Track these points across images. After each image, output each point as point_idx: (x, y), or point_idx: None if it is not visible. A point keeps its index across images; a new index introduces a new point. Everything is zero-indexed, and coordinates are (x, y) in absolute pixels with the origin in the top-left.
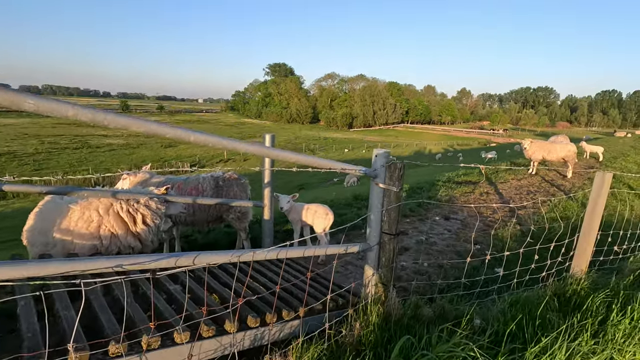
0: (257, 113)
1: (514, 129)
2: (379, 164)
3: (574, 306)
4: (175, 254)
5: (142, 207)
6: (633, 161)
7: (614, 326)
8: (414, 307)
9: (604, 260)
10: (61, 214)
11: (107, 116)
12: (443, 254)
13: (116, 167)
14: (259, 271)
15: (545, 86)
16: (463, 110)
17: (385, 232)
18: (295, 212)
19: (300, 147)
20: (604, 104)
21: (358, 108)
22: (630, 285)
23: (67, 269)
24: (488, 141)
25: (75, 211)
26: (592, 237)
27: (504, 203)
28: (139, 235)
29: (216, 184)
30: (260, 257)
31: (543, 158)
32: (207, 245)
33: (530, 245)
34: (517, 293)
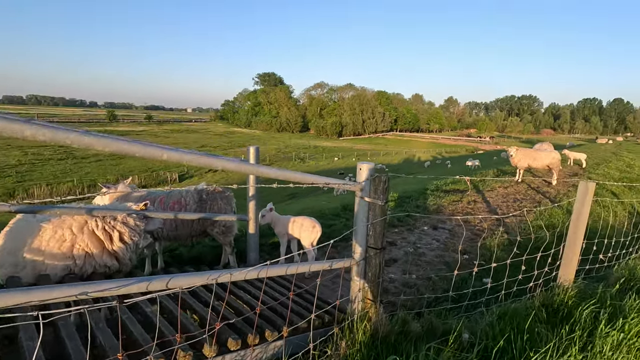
0: (247, 122)
1: (500, 137)
2: (363, 177)
3: (562, 317)
4: (146, 277)
5: (119, 224)
6: (615, 167)
7: (602, 338)
8: (401, 322)
9: (590, 269)
10: (32, 233)
11: (70, 135)
12: (432, 265)
13: (103, 178)
14: (242, 288)
15: (529, 94)
16: (450, 118)
17: (371, 247)
18: (281, 226)
19: (290, 155)
20: (586, 111)
21: (347, 117)
22: (616, 294)
23: (23, 299)
24: (475, 148)
25: (47, 230)
26: (577, 246)
27: (491, 211)
28: (115, 253)
29: (200, 198)
30: (239, 277)
31: (529, 165)
32: (192, 259)
33: (517, 255)
34: (506, 305)
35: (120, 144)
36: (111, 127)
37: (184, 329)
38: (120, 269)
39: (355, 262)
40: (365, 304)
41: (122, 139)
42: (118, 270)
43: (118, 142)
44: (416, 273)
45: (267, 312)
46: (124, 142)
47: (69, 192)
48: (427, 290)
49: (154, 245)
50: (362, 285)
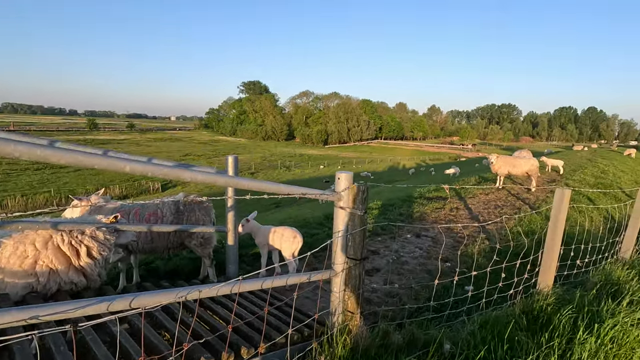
0: (232, 130)
1: (482, 144)
2: (342, 187)
3: (542, 324)
4: (107, 297)
5: (87, 238)
6: (590, 174)
7: (581, 345)
8: (382, 335)
9: (569, 274)
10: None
11: (18, 147)
12: (414, 273)
13: (82, 188)
14: (220, 302)
15: (509, 103)
16: (433, 126)
17: (351, 257)
18: (262, 236)
19: (275, 164)
20: (562, 119)
21: (333, 125)
22: (593, 299)
23: None
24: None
25: (8, 246)
26: (555, 253)
27: (473, 218)
28: (83, 269)
29: (177, 209)
30: (209, 294)
31: (509, 172)
32: (169, 272)
33: (497, 262)
34: (487, 313)
35: (77, 156)
36: (91, 135)
37: (154, 349)
38: (89, 286)
39: (335, 274)
40: (346, 316)
41: (81, 150)
42: (86, 287)
43: (75, 155)
44: (399, 282)
45: (245, 328)
46: (81, 154)
47: (46, 202)
48: (410, 299)
49: (129, 259)
50: (342, 297)
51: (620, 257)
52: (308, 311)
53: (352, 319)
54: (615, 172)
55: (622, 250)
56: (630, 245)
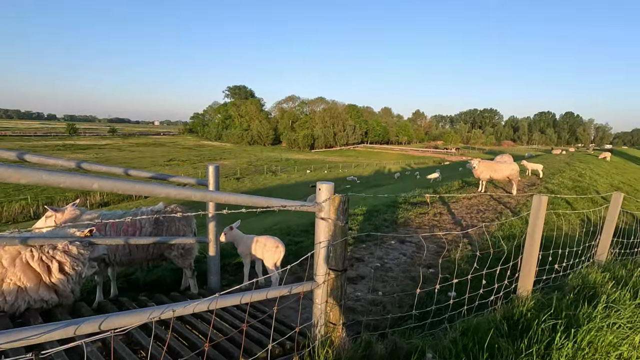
0: (217, 135)
1: (465, 148)
2: (323, 197)
3: (522, 330)
4: (74, 320)
5: (59, 253)
6: (568, 177)
7: (559, 350)
8: (365, 345)
9: (548, 278)
10: None
11: None
12: (398, 280)
13: (60, 195)
14: (199, 316)
15: (490, 108)
16: (418, 130)
17: (332, 269)
18: (244, 246)
19: (261, 169)
20: (541, 123)
21: (319, 129)
22: (571, 303)
23: None
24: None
25: None
26: (534, 258)
27: (456, 223)
28: (55, 286)
29: (156, 220)
30: (185, 312)
31: (490, 177)
32: (149, 284)
33: (477, 270)
34: (469, 320)
35: (40, 174)
36: (71, 140)
37: None
38: (61, 303)
39: (317, 285)
40: (328, 328)
41: (40, 169)
42: (58, 305)
43: (37, 172)
44: (383, 290)
45: (225, 343)
46: (44, 172)
47: (22, 210)
48: (394, 307)
49: (106, 272)
50: (324, 308)
51: (597, 260)
52: (292, 322)
53: (335, 330)
54: (591, 175)
55: (598, 254)
56: (606, 249)
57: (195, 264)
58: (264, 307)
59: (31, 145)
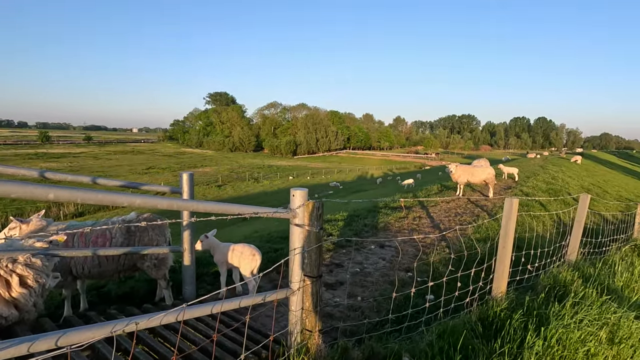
0: (198, 142)
1: (445, 153)
2: (297, 203)
3: (496, 330)
4: (28, 337)
5: (20, 266)
6: (542, 180)
7: (530, 349)
8: (341, 352)
9: (521, 279)
10: None
11: None
12: (377, 285)
13: (32, 206)
14: (172, 328)
15: (468, 114)
16: (399, 136)
17: (307, 275)
18: (220, 254)
19: (243, 176)
20: (517, 128)
21: (301, 135)
22: (542, 302)
23: None
24: (423, 164)
25: None
26: (507, 259)
27: (434, 226)
28: (15, 301)
29: (127, 229)
30: (150, 324)
31: (468, 181)
32: (122, 296)
33: (452, 272)
34: (445, 322)
35: None
36: (44, 149)
37: None
38: (22, 318)
39: (292, 292)
40: (304, 335)
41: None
42: (19, 321)
43: None
44: (361, 295)
45: (197, 355)
46: None
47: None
48: (372, 312)
49: (75, 285)
50: (299, 315)
51: (567, 259)
52: (268, 331)
53: (311, 337)
54: (564, 178)
55: (568, 253)
56: (575, 248)
57: (171, 274)
58: (241, 317)
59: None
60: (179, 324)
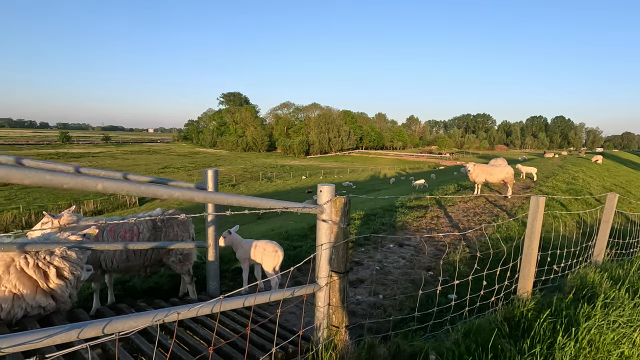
0: (212, 142)
1: (459, 153)
2: (324, 199)
3: (523, 330)
4: (77, 324)
5: (57, 259)
6: (562, 180)
7: (561, 350)
8: (368, 348)
9: (547, 279)
10: None
11: None
12: (398, 283)
13: (53, 204)
14: (200, 321)
15: (483, 113)
16: (412, 136)
17: (335, 271)
18: (242, 251)
19: (257, 175)
20: (534, 128)
21: (314, 135)
22: (570, 303)
23: None
24: (437, 164)
25: None
26: (533, 259)
27: (453, 226)
28: (52, 292)
29: (154, 225)
30: (189, 314)
31: (485, 180)
32: (147, 290)
33: (478, 270)
34: (470, 321)
35: (43, 175)
36: (64, 149)
37: None
38: (59, 308)
39: (319, 288)
40: (331, 331)
41: (46, 170)
42: (56, 311)
43: (40, 173)
44: (383, 293)
45: (227, 348)
46: (47, 172)
47: (14, 220)
48: (394, 310)
49: (103, 278)
50: (326, 311)
51: (594, 260)
52: (293, 327)
53: (338, 333)
54: (584, 178)
55: (595, 254)
56: (602, 249)
57: (193, 269)
58: (264, 312)
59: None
60: (206, 318)
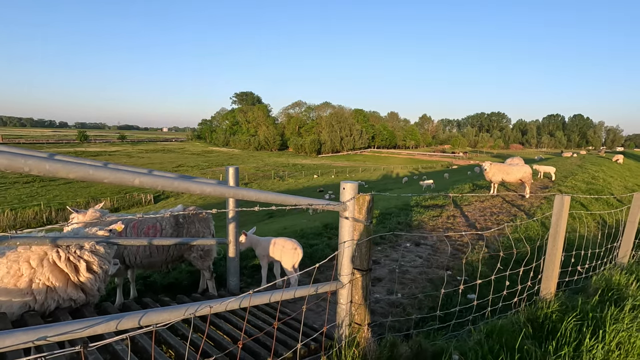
0: (225, 141)
1: (473, 152)
2: (347, 196)
3: (548, 332)
4: (116, 315)
5: (86, 253)
6: (581, 179)
7: (588, 352)
8: (390, 346)
9: (570, 281)
10: None
11: (28, 161)
12: (416, 282)
13: (72, 201)
14: (222, 317)
15: (498, 111)
16: (425, 134)
17: (357, 268)
18: (261, 248)
19: (269, 174)
20: (550, 127)
21: (326, 134)
22: (596, 305)
23: None
24: (450, 163)
25: (1, 265)
26: (557, 259)
27: (470, 226)
28: (82, 285)
29: (176, 221)
30: (220, 309)
31: (502, 179)
32: (167, 286)
33: (500, 270)
34: (492, 321)
35: (87, 170)
36: (82, 147)
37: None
38: (88, 301)
39: (342, 285)
40: (353, 328)
41: (89, 163)
42: (85, 303)
43: (84, 168)
44: (401, 292)
45: (250, 343)
46: (90, 167)
47: (35, 216)
48: (414, 309)
49: (126, 273)
50: (348, 309)
51: (619, 262)
52: (312, 324)
53: (360, 330)
54: (605, 177)
55: (620, 256)
56: (628, 251)
57: (212, 266)
58: (284, 309)
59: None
60: (228, 313)
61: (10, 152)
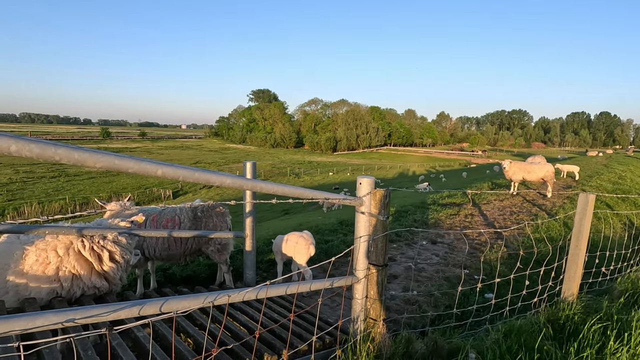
0: (242, 138)
1: (492, 150)
2: (364, 192)
3: (569, 333)
4: (138, 301)
5: (109, 243)
6: (607, 179)
7: (612, 355)
8: (405, 342)
9: (593, 282)
10: (15, 257)
11: (58, 150)
12: (432, 280)
13: (95, 195)
14: (239, 309)
15: (519, 109)
16: (443, 132)
17: (373, 264)
18: (275, 245)
19: (285, 171)
20: (575, 125)
21: (342, 132)
22: (622, 308)
23: (2, 329)
24: (468, 162)
25: (31, 253)
26: (580, 260)
27: (488, 224)
28: (105, 274)
29: (194, 215)
30: (237, 298)
31: (523, 178)
32: (185, 278)
33: (519, 269)
34: (510, 321)
35: (112, 159)
36: (104, 144)
37: (179, 355)
38: (111, 289)
39: (357, 280)
40: (368, 323)
41: (115, 154)
42: (108, 291)
43: (110, 157)
44: (417, 289)
45: (265, 335)
46: (116, 157)
47: (60, 209)
48: (429, 307)
49: (146, 265)
50: (364, 304)
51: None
52: (327, 318)
53: (375, 326)
54: (633, 177)
55: None
56: None
57: (229, 260)
58: (299, 303)
59: None
60: (243, 305)
61: (42, 141)
